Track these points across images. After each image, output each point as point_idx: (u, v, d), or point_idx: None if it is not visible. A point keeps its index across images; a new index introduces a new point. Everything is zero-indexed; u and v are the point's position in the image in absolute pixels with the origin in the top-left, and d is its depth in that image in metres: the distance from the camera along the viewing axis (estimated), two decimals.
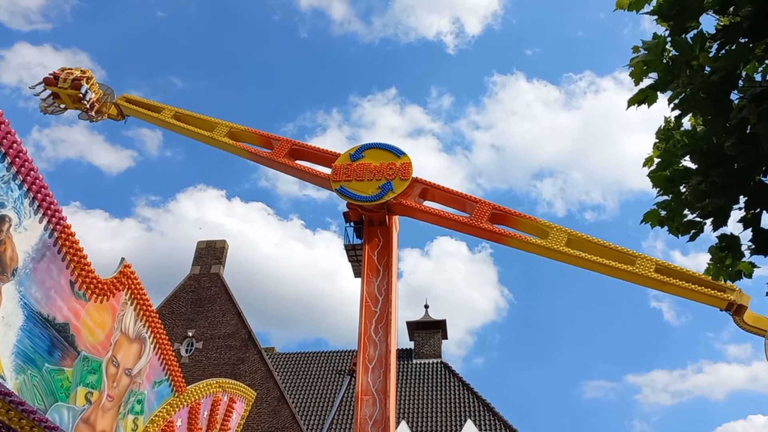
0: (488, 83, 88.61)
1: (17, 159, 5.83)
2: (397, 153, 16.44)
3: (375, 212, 16.10)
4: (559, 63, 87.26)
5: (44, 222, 6.30)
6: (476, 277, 75.48)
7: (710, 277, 4.63)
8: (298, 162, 17.40)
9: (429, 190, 16.23)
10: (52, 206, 6.36)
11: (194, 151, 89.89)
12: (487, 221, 15.15)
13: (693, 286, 13.64)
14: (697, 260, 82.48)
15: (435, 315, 33.27)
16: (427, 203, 16.32)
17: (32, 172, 6.03)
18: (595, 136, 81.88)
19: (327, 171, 16.71)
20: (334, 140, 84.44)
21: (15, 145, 5.76)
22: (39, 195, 6.17)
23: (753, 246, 4.17)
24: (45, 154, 74.99)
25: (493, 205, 15.37)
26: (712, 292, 13.49)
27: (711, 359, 76.73)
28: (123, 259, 7.80)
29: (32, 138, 72.09)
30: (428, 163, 77.38)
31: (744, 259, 4.56)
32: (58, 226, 6.47)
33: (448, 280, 72.76)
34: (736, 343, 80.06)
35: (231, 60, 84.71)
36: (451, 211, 16.15)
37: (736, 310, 13.48)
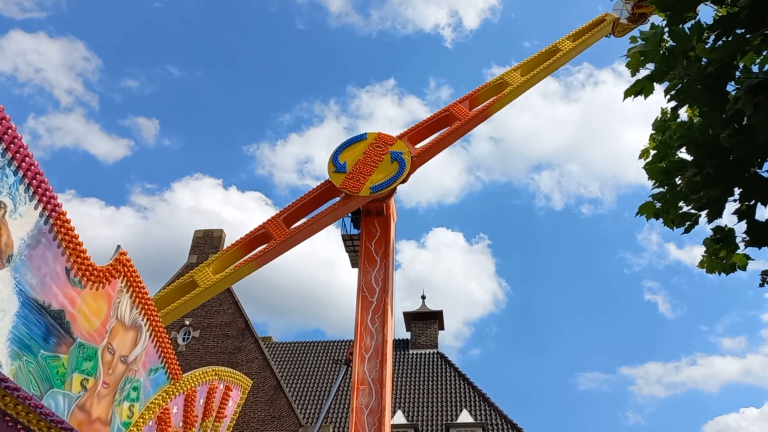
0: (486, 75, 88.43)
1: (12, 145, 5.79)
2: (363, 136, 16.46)
3: (378, 201, 16.03)
4: None
5: (39, 208, 6.27)
6: (474, 268, 75.67)
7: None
8: (298, 223, 15.34)
9: (412, 135, 16.73)
10: (47, 193, 6.33)
11: (192, 140, 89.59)
12: (470, 111, 16.86)
13: (585, 37, 17.94)
14: (692, 253, 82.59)
15: (432, 306, 33.36)
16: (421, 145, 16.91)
17: (27, 158, 5.99)
18: (594, 128, 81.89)
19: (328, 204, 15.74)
20: (331, 131, 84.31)
21: (10, 130, 5.72)
22: (34, 181, 6.14)
23: (747, 238, 4.17)
24: (41, 142, 74.78)
25: (460, 99, 17.14)
26: (596, 29, 18.24)
27: (705, 352, 77.19)
28: (119, 246, 7.78)
29: (28, 126, 71.89)
30: None
31: (738, 251, 4.57)
32: (53, 213, 6.44)
33: (446, 271, 72.92)
34: (731, 336, 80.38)
35: (228, 50, 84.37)
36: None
37: (614, 27, 18.53)
